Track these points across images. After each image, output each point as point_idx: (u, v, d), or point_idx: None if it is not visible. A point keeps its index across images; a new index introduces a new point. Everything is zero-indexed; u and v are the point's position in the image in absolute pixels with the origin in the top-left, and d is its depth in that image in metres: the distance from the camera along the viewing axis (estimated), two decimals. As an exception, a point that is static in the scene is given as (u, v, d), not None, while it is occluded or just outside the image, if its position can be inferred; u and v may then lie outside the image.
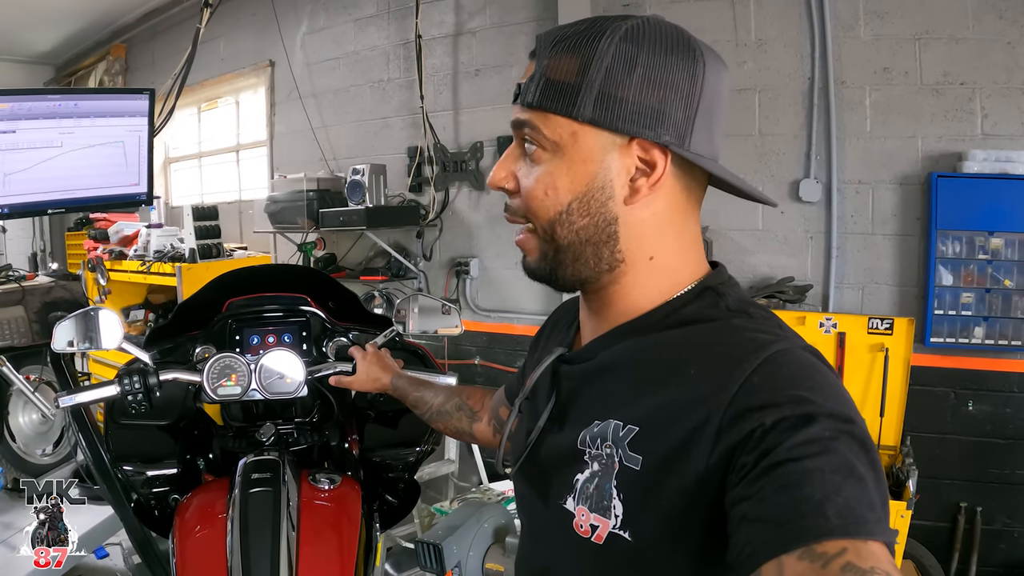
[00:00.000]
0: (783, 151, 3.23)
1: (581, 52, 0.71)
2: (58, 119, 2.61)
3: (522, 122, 0.75)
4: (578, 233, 0.75)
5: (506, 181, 0.79)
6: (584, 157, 0.73)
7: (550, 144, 0.74)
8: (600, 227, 0.75)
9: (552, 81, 0.72)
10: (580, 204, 0.74)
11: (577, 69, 0.71)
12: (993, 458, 2.95)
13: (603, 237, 0.75)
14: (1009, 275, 2.85)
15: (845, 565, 0.50)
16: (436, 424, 1.41)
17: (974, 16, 2.85)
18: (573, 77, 0.71)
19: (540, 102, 0.73)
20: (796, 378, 0.63)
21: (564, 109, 0.72)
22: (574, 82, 0.71)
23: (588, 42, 0.71)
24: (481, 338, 4.13)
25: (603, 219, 0.74)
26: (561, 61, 0.72)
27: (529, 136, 0.75)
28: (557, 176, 0.74)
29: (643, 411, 0.70)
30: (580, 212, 0.74)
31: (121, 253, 4.26)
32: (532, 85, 0.74)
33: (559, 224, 0.75)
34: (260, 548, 1.31)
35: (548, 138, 0.73)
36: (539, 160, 0.75)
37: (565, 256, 0.77)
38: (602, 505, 0.71)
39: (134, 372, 1.48)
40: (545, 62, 0.73)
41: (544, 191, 0.75)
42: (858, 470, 0.56)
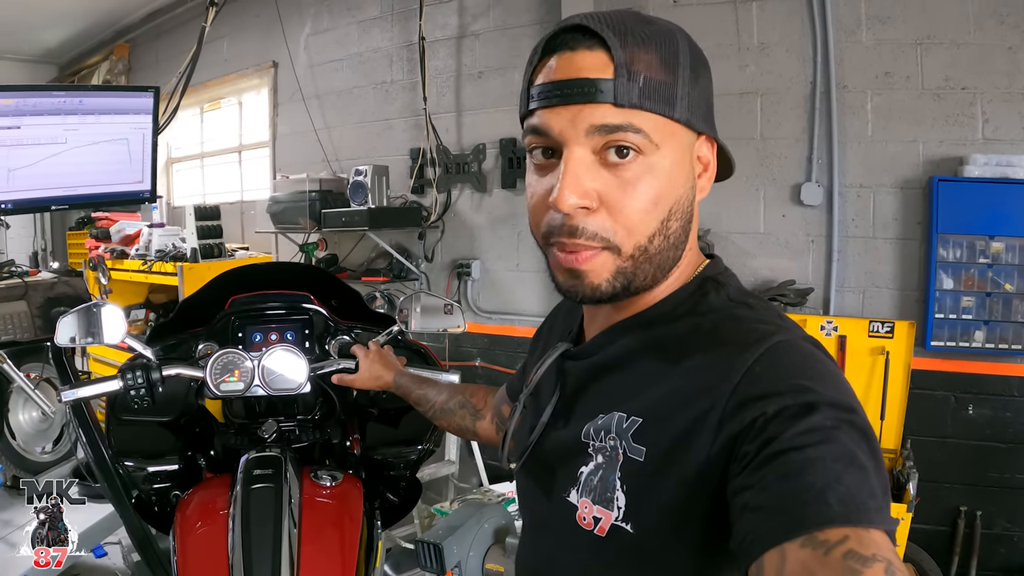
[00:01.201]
0: (785, 155, 3.24)
1: (667, 49, 0.69)
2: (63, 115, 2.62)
3: (617, 126, 0.67)
4: (669, 239, 0.72)
5: (588, 198, 0.68)
6: (679, 158, 0.71)
7: (652, 147, 0.68)
8: (686, 228, 0.74)
9: (650, 79, 0.67)
10: (677, 208, 0.72)
11: (670, 67, 0.69)
12: (993, 462, 2.94)
13: (683, 238, 0.74)
14: (1010, 279, 2.85)
15: (847, 552, 0.50)
16: (439, 421, 1.41)
17: (975, 21, 2.86)
18: (667, 75, 0.68)
19: (642, 101, 0.67)
20: (798, 368, 0.64)
21: (665, 108, 0.68)
22: (669, 80, 0.68)
23: (666, 40, 0.69)
24: (482, 340, 4.13)
25: (687, 219, 0.74)
26: (647, 58, 0.68)
27: (627, 141, 0.67)
28: (661, 183, 0.70)
29: (647, 402, 0.71)
30: (676, 216, 0.72)
31: (123, 252, 4.27)
32: (626, 82, 0.66)
33: (659, 234, 0.71)
34: (262, 545, 1.31)
35: (653, 141, 0.68)
36: (639, 167, 0.68)
37: (649, 267, 0.72)
38: (605, 497, 0.71)
39: (137, 367, 1.48)
40: (629, 57, 0.67)
41: (653, 201, 0.69)
42: (859, 459, 0.56)
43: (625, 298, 0.74)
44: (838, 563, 0.50)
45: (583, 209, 0.69)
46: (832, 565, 0.50)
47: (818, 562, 0.51)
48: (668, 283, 0.77)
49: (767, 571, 0.53)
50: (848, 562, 0.50)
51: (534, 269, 3.94)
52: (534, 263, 3.94)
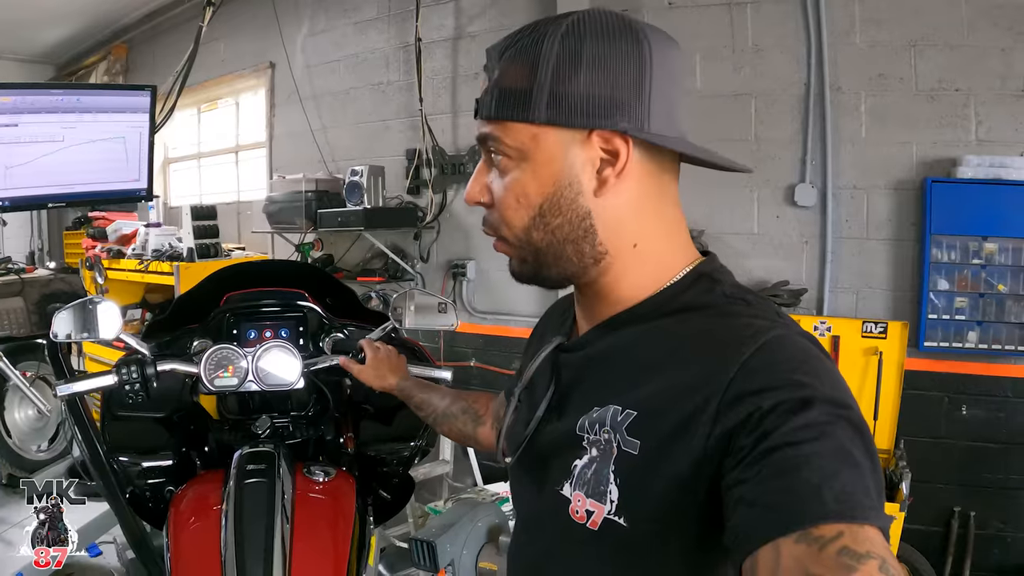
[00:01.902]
0: (779, 156, 3.25)
1: (528, 56, 0.72)
2: (60, 114, 2.62)
3: (485, 136, 0.76)
4: (554, 233, 0.76)
5: (481, 195, 0.79)
6: (548, 158, 0.73)
7: (514, 152, 0.74)
8: (575, 223, 0.75)
9: (505, 90, 0.73)
10: (551, 204, 0.74)
11: (526, 74, 0.72)
12: (986, 462, 2.96)
13: (580, 233, 0.75)
14: (1003, 280, 2.87)
15: (841, 549, 0.51)
16: (440, 427, 1.40)
17: (969, 23, 2.88)
18: (523, 82, 0.72)
19: (497, 112, 0.74)
20: (794, 363, 0.64)
21: (520, 115, 0.72)
22: (525, 87, 0.72)
23: (533, 45, 0.72)
24: (477, 340, 4.14)
25: (576, 215, 0.75)
26: (510, 69, 0.73)
27: (493, 147, 0.76)
28: (525, 182, 0.75)
29: (641, 396, 0.71)
30: (552, 212, 0.75)
31: (119, 252, 4.25)
32: (487, 97, 0.75)
33: (534, 228, 0.76)
34: (254, 541, 1.32)
35: (511, 146, 0.74)
36: (507, 169, 0.76)
37: (546, 257, 0.78)
38: (598, 490, 0.71)
39: (132, 362, 1.48)
40: (496, 73, 0.74)
41: (516, 199, 0.76)
42: (854, 456, 0.56)
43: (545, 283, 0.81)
44: (832, 559, 0.50)
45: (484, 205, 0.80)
46: (826, 561, 0.51)
47: (812, 558, 0.51)
48: (657, 276, 0.77)
49: (761, 566, 0.54)
50: (842, 558, 0.50)
51: (529, 270, 3.94)
52: (529, 265, 3.93)
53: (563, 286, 0.82)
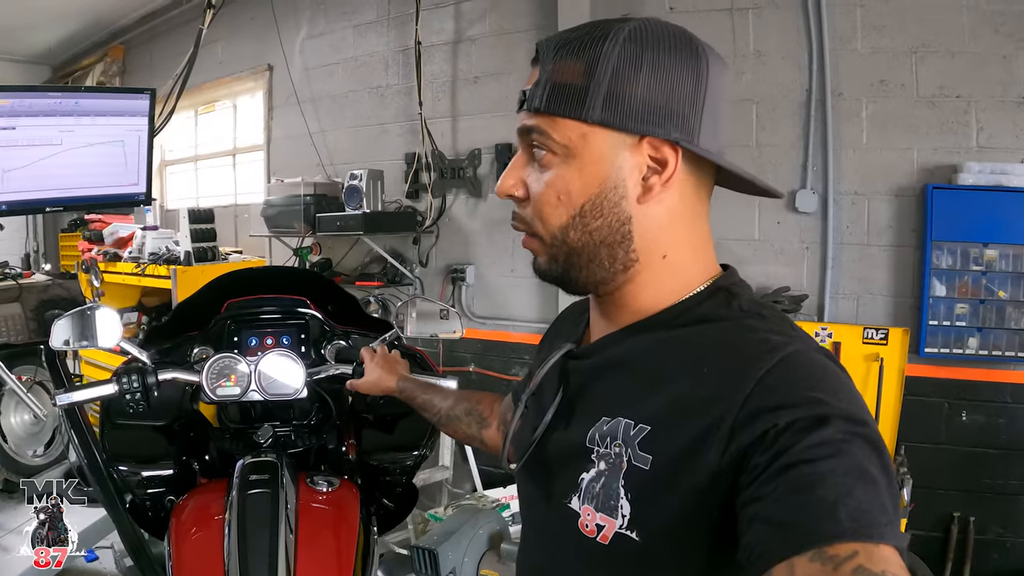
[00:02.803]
0: (780, 162, 3.25)
1: (586, 55, 0.71)
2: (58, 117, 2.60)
3: (530, 128, 0.74)
4: (591, 235, 0.75)
5: (515, 188, 0.78)
6: (595, 159, 0.72)
7: (560, 148, 0.73)
8: (614, 227, 0.74)
9: (559, 85, 0.72)
10: (593, 206, 0.74)
11: (583, 71, 0.71)
12: (986, 468, 2.95)
13: (617, 237, 0.75)
14: (1003, 286, 2.87)
15: (856, 568, 0.50)
16: (444, 428, 1.39)
17: (970, 30, 2.88)
18: (580, 79, 0.71)
19: (548, 106, 0.73)
20: (810, 379, 0.64)
21: (573, 112, 0.71)
22: (581, 84, 0.71)
23: (593, 45, 0.71)
24: (476, 345, 4.12)
25: (617, 219, 0.74)
26: (566, 65, 0.72)
27: (538, 141, 0.74)
28: (569, 180, 0.73)
29: (654, 409, 0.70)
30: (593, 214, 0.74)
31: (116, 255, 4.24)
32: (538, 90, 0.73)
33: (572, 228, 0.75)
34: (258, 551, 1.31)
35: (558, 142, 0.73)
36: (549, 165, 0.74)
37: (579, 259, 0.76)
38: (609, 505, 0.71)
39: (132, 371, 1.47)
40: (550, 67, 0.73)
41: (556, 196, 0.74)
42: (870, 473, 0.56)
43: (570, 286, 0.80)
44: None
45: (517, 199, 0.79)
46: None
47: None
48: (677, 289, 0.77)
49: None
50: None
51: (528, 275, 3.88)
52: (528, 269, 3.90)
53: (587, 292, 0.81)
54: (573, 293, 0.82)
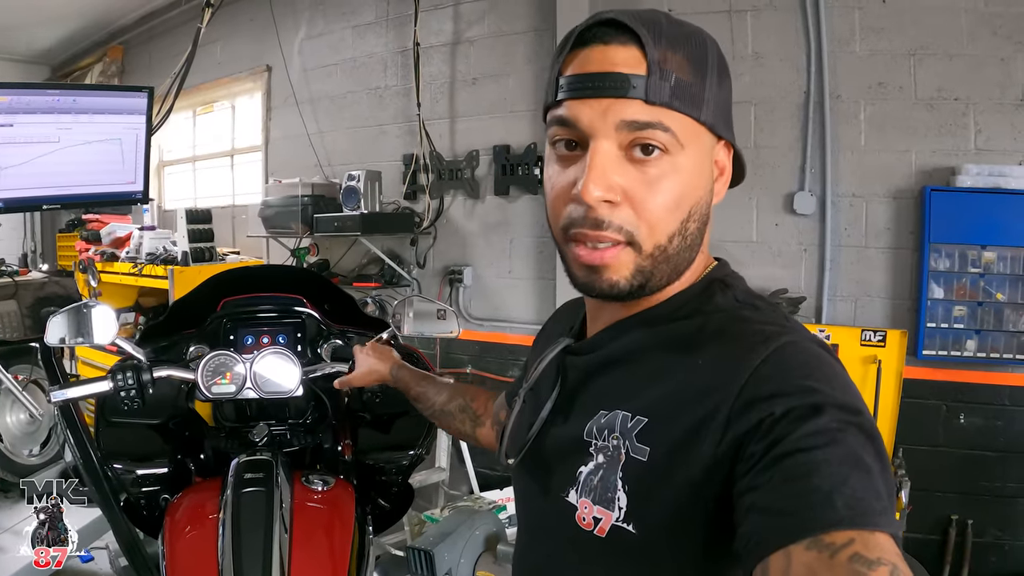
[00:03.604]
0: (778, 164, 3.25)
1: (696, 53, 0.70)
2: (56, 114, 2.60)
3: (646, 123, 0.67)
4: (686, 239, 0.72)
5: (612, 192, 0.68)
6: (701, 159, 0.72)
7: (677, 147, 0.69)
8: (701, 232, 0.74)
9: (680, 80, 0.68)
10: (696, 209, 0.72)
11: (696, 70, 0.69)
12: (984, 471, 2.95)
13: (699, 240, 0.75)
14: (1001, 289, 2.87)
15: (853, 555, 0.50)
16: (437, 421, 1.39)
17: (969, 32, 2.89)
18: (695, 78, 0.69)
19: (672, 100, 0.67)
20: (805, 369, 0.64)
21: (693, 110, 0.69)
22: (698, 82, 0.69)
23: (699, 43, 0.70)
24: (473, 347, 4.12)
25: (703, 222, 0.74)
26: (677, 59, 0.68)
27: (655, 139, 0.68)
28: (685, 182, 0.70)
29: (651, 401, 0.70)
30: (693, 217, 0.72)
31: (113, 255, 4.23)
32: (659, 81, 0.67)
33: (678, 234, 0.71)
34: (252, 550, 1.30)
35: (680, 141, 0.69)
36: (662, 166, 0.69)
37: (668, 267, 0.72)
38: (606, 497, 0.71)
39: (128, 368, 1.46)
40: (657, 55, 0.67)
41: (675, 201, 0.69)
42: (865, 461, 0.56)
43: (639, 297, 0.74)
44: (844, 566, 0.50)
45: (606, 203, 0.68)
46: (838, 568, 0.50)
47: (824, 565, 0.51)
48: (677, 284, 0.77)
49: (772, 573, 0.53)
50: (854, 565, 0.50)
51: (526, 276, 3.93)
52: (526, 270, 3.93)
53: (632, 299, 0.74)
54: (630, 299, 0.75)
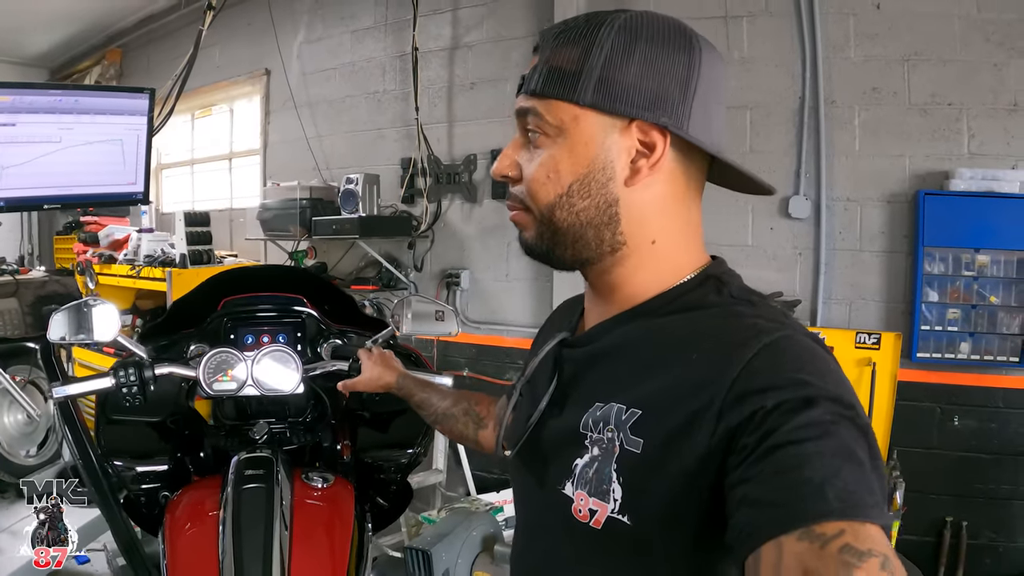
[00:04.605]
0: (773, 168, 3.26)
1: (581, 41, 0.74)
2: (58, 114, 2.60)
3: (526, 110, 0.77)
4: (579, 215, 0.76)
5: (510, 169, 0.80)
6: (585, 140, 0.74)
7: (552, 129, 0.75)
8: (601, 208, 0.76)
9: (555, 69, 0.75)
10: (581, 186, 0.75)
11: (578, 57, 0.73)
12: (979, 473, 2.97)
13: (604, 219, 0.76)
14: (995, 292, 2.89)
15: (843, 547, 0.51)
16: (440, 427, 1.39)
17: (962, 39, 2.92)
18: (575, 64, 0.73)
19: (543, 89, 0.75)
20: (798, 362, 0.64)
21: (566, 94, 0.74)
22: (575, 69, 0.73)
23: (588, 31, 0.74)
24: (470, 349, 4.13)
25: (604, 200, 0.76)
26: (563, 51, 0.75)
27: (532, 123, 0.77)
28: (559, 159, 0.76)
29: (645, 394, 0.71)
30: (581, 194, 0.76)
31: (111, 257, 4.22)
32: (535, 74, 0.76)
33: (559, 207, 0.77)
34: (252, 547, 1.30)
35: (551, 123, 0.75)
36: (542, 145, 0.77)
37: (565, 238, 0.78)
38: (601, 489, 0.72)
39: (129, 364, 1.47)
40: (547, 53, 0.76)
41: (546, 174, 0.76)
42: (857, 454, 0.57)
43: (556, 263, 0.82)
44: (834, 557, 0.51)
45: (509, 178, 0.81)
46: (828, 559, 0.51)
47: (814, 555, 0.51)
48: (667, 277, 0.78)
49: (764, 564, 0.54)
50: (844, 556, 0.51)
51: (523, 279, 3.95)
52: (523, 273, 3.95)
53: (573, 268, 0.83)
54: (559, 268, 0.84)
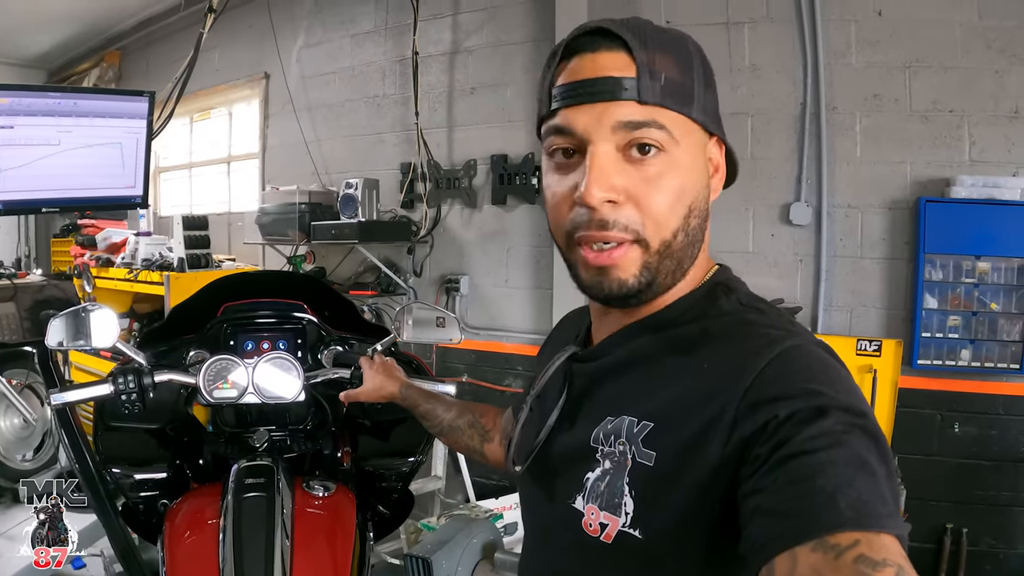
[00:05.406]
0: (774, 174, 3.27)
1: (680, 52, 0.72)
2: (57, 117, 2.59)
3: (641, 122, 0.69)
4: (690, 235, 0.73)
5: (615, 193, 0.69)
6: (696, 155, 0.73)
7: (673, 144, 0.70)
8: (703, 228, 0.75)
9: (670, 79, 0.70)
10: (695, 204, 0.73)
11: (683, 69, 0.72)
12: (979, 480, 2.96)
13: (700, 236, 0.76)
14: (995, 299, 2.89)
15: (858, 557, 0.50)
16: (445, 438, 1.37)
17: (963, 45, 2.92)
18: (683, 76, 0.71)
19: (663, 98, 0.69)
20: (810, 371, 0.64)
21: (684, 107, 0.71)
22: (686, 81, 0.71)
23: (681, 43, 0.73)
24: (470, 356, 4.11)
25: (703, 218, 0.75)
26: (665, 59, 0.70)
27: (648, 137, 0.69)
28: (683, 178, 0.71)
29: (657, 406, 0.70)
30: (695, 213, 0.73)
31: (108, 260, 4.21)
32: (649, 81, 0.69)
33: (682, 230, 0.72)
34: (253, 556, 1.29)
35: (675, 138, 0.70)
36: (660, 164, 0.70)
37: (671, 264, 0.73)
38: (613, 503, 0.71)
39: (129, 371, 1.45)
40: (644, 57, 0.69)
41: (676, 197, 0.71)
42: (870, 464, 0.56)
43: (646, 297, 0.74)
44: (849, 567, 0.50)
45: (609, 204, 0.69)
46: (843, 569, 0.50)
47: (829, 566, 0.51)
48: (679, 287, 0.77)
49: (778, 575, 0.53)
50: (859, 566, 0.50)
51: (523, 286, 3.94)
52: (523, 280, 3.94)
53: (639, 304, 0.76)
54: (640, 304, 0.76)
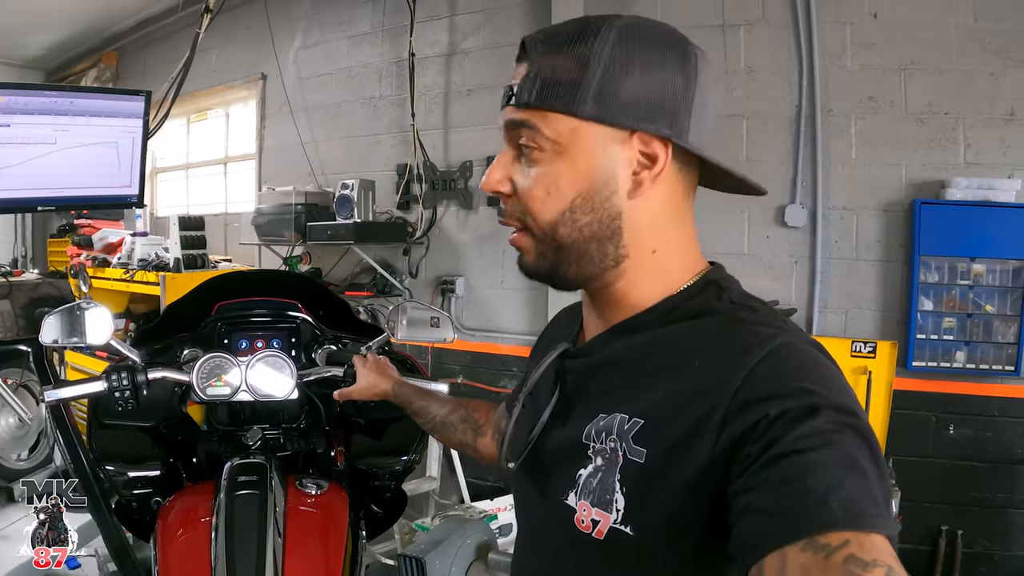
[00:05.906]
0: (769, 176, 3.27)
1: (577, 50, 0.71)
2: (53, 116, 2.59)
3: (518, 122, 0.74)
4: (582, 231, 0.74)
5: (501, 184, 0.77)
6: (586, 153, 0.72)
7: (550, 143, 0.73)
8: (604, 223, 0.74)
9: (550, 79, 0.71)
10: (584, 201, 0.73)
11: (574, 67, 0.70)
12: (974, 481, 2.97)
13: (607, 233, 0.75)
14: (990, 301, 2.90)
15: (848, 557, 0.50)
16: (438, 435, 1.37)
17: (958, 48, 2.93)
18: (571, 74, 0.71)
19: (539, 100, 0.72)
20: (801, 371, 0.64)
21: (564, 107, 0.71)
22: (573, 79, 0.70)
23: (583, 40, 0.71)
24: (465, 357, 4.11)
25: (607, 214, 0.74)
26: (556, 60, 0.72)
27: (527, 137, 0.74)
28: (559, 174, 0.73)
29: (648, 404, 0.70)
30: (583, 209, 0.73)
31: (104, 260, 4.20)
32: (528, 84, 0.73)
33: (561, 224, 0.74)
34: (245, 554, 1.29)
35: (548, 137, 0.72)
36: (538, 160, 0.74)
37: (568, 255, 0.76)
38: (604, 499, 0.71)
39: (122, 369, 1.45)
40: (538, 61, 0.73)
41: (545, 191, 0.74)
42: (861, 464, 0.56)
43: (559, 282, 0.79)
44: (839, 567, 0.50)
45: (503, 195, 0.78)
46: (833, 569, 0.50)
47: (819, 566, 0.51)
48: (667, 285, 0.77)
49: (767, 574, 0.53)
50: (849, 566, 0.50)
51: (518, 287, 3.94)
52: (518, 281, 3.93)
53: (575, 287, 0.80)
54: (562, 289, 0.80)
